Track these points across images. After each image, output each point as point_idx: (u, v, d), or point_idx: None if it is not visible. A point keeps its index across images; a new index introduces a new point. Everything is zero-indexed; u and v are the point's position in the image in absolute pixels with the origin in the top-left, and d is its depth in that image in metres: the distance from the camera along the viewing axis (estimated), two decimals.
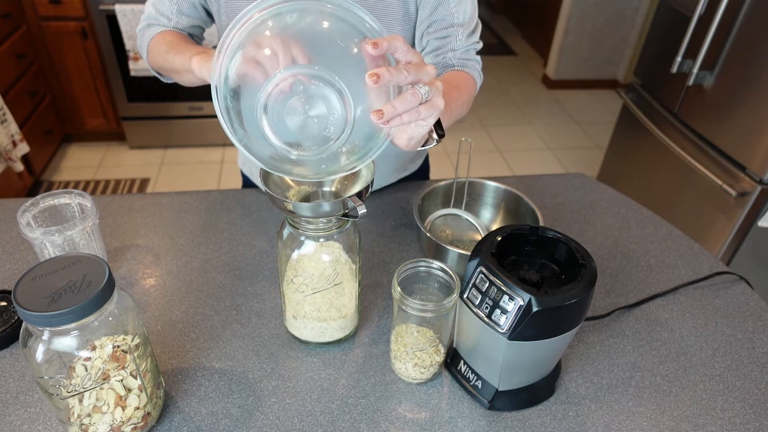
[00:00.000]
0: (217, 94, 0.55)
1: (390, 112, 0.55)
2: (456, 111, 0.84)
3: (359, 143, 0.59)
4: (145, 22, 0.95)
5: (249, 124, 0.57)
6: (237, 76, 0.55)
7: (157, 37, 0.91)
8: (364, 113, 0.57)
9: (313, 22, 0.56)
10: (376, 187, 1.11)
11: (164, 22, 0.93)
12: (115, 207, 1.04)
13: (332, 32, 0.56)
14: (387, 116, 0.54)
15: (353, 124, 0.57)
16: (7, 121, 2.24)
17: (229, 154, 2.99)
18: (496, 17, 5.29)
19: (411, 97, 0.55)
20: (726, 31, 1.74)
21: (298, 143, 0.58)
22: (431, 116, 0.58)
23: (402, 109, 0.55)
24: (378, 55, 0.54)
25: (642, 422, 0.70)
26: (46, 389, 0.56)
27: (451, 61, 0.92)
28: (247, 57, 0.55)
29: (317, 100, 0.56)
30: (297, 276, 0.71)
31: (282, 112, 0.56)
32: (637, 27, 3.72)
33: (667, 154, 2.04)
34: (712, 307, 0.88)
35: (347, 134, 0.58)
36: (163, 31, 0.92)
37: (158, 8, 0.92)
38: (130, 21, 2.48)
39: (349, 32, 0.56)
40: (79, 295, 0.52)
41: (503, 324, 0.62)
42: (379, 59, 0.55)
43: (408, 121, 0.56)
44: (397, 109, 0.55)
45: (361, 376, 0.74)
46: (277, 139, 0.58)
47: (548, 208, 1.10)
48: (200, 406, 0.69)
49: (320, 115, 0.57)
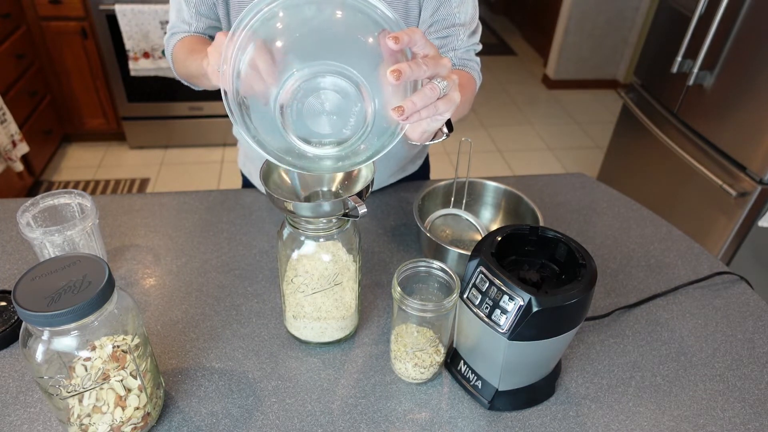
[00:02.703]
0: (225, 90, 0.54)
1: (410, 108, 0.54)
2: (459, 109, 0.85)
3: (375, 137, 0.58)
4: (168, 32, 0.95)
5: (259, 118, 0.56)
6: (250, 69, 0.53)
7: (177, 45, 0.92)
8: (381, 108, 0.55)
9: (327, 13, 0.54)
10: (377, 187, 1.11)
11: (185, 28, 0.93)
12: (115, 207, 1.04)
13: (347, 24, 0.54)
14: (407, 112, 0.54)
15: (373, 119, 0.56)
16: (7, 121, 2.24)
17: (229, 154, 2.99)
18: (496, 17, 5.29)
19: (430, 92, 0.55)
20: (726, 31, 1.74)
21: (317, 141, 0.57)
22: (448, 111, 0.57)
23: (421, 104, 0.54)
24: (398, 49, 0.53)
25: (642, 422, 0.70)
26: (46, 389, 0.56)
27: (451, 60, 0.92)
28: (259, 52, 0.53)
29: (336, 97, 0.55)
30: (297, 276, 0.71)
31: (301, 110, 0.55)
32: (637, 27, 3.72)
33: (667, 154, 2.04)
34: (712, 307, 0.88)
35: (368, 130, 0.56)
36: (183, 38, 0.92)
37: (179, 16, 0.93)
38: (130, 21, 2.48)
39: (364, 23, 0.54)
40: (79, 295, 0.52)
41: (503, 324, 0.62)
42: (398, 53, 0.54)
43: (426, 116, 0.56)
44: (416, 105, 0.54)
45: (361, 376, 0.74)
46: (296, 137, 0.56)
47: (548, 208, 1.10)
48: (200, 406, 0.69)
49: (340, 112, 0.55)
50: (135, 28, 2.50)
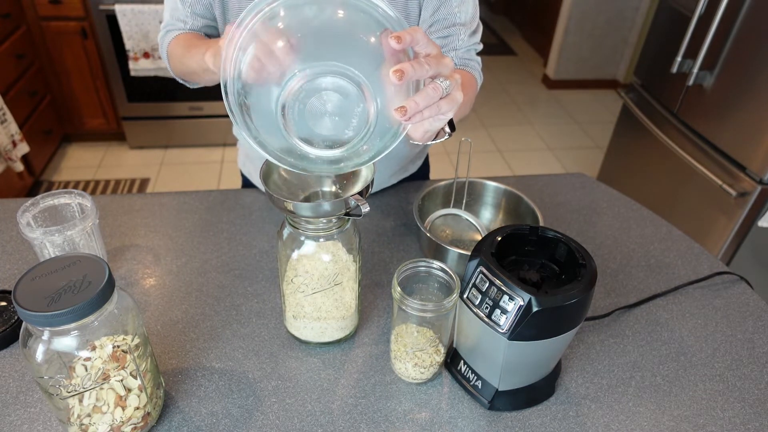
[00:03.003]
0: (226, 91, 0.53)
1: (413, 108, 0.53)
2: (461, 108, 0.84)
3: (377, 138, 0.58)
4: (163, 30, 0.94)
5: (261, 119, 0.55)
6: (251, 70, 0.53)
7: (172, 42, 0.91)
8: (383, 107, 0.55)
9: (328, 13, 0.53)
10: (378, 188, 1.11)
11: (180, 26, 0.92)
12: (115, 207, 1.04)
13: (349, 23, 0.54)
14: (410, 113, 0.53)
15: (376, 119, 0.55)
16: (7, 121, 2.24)
17: (229, 154, 2.99)
18: (496, 17, 5.29)
19: (432, 92, 0.54)
20: (726, 31, 1.74)
21: (318, 142, 0.57)
22: (451, 110, 0.57)
23: (424, 104, 0.54)
24: (401, 49, 0.53)
25: (642, 422, 0.70)
26: (46, 389, 0.56)
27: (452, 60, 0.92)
28: (261, 50, 0.52)
29: (338, 98, 0.54)
30: (297, 276, 0.71)
31: (303, 110, 0.54)
32: (637, 27, 3.72)
33: (667, 154, 2.04)
34: (712, 307, 0.88)
35: (370, 131, 0.56)
36: (178, 35, 0.91)
37: (174, 14, 0.92)
38: (130, 21, 2.48)
39: (366, 22, 0.53)
40: (79, 295, 0.52)
41: (503, 324, 0.62)
42: (400, 53, 0.54)
43: (429, 116, 0.55)
44: (419, 105, 0.54)
45: (361, 376, 0.74)
46: (297, 138, 0.56)
47: (548, 208, 1.10)
48: (200, 406, 0.69)
49: (342, 113, 0.55)
50: (135, 28, 2.50)
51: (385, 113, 0.55)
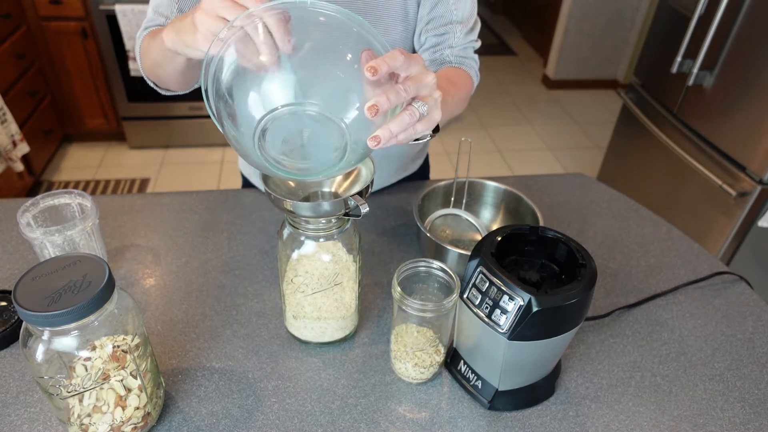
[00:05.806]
0: (207, 97, 0.54)
1: (386, 137, 0.54)
2: (452, 107, 0.84)
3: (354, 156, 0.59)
4: (143, 27, 0.86)
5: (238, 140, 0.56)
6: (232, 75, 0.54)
7: (145, 37, 0.82)
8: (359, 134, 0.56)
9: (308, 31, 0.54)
10: (377, 187, 1.11)
11: (161, 21, 0.85)
12: (115, 207, 1.04)
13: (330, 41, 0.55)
14: (383, 141, 0.54)
15: (352, 146, 0.56)
16: (7, 121, 2.24)
17: (229, 154, 2.99)
18: (496, 17, 5.29)
19: (408, 118, 0.54)
20: (726, 31, 1.74)
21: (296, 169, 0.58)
22: (427, 130, 0.57)
23: (398, 130, 0.54)
24: (375, 80, 0.52)
25: (642, 422, 0.70)
26: (46, 389, 0.56)
27: (448, 58, 0.92)
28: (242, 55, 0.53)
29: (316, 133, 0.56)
30: (297, 276, 0.71)
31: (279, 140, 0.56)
32: (637, 27, 3.72)
33: (667, 154, 2.04)
34: (712, 307, 0.88)
35: (347, 158, 0.57)
36: (153, 29, 0.83)
37: (157, 10, 0.86)
38: (130, 21, 2.48)
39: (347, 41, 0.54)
40: (79, 295, 0.52)
41: (503, 324, 0.62)
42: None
43: (404, 139, 0.56)
44: (392, 132, 0.54)
45: (361, 376, 0.74)
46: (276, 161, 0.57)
47: (548, 208, 1.10)
48: (200, 406, 0.69)
49: (319, 144, 0.57)
50: (135, 28, 2.50)
51: (359, 137, 0.56)
